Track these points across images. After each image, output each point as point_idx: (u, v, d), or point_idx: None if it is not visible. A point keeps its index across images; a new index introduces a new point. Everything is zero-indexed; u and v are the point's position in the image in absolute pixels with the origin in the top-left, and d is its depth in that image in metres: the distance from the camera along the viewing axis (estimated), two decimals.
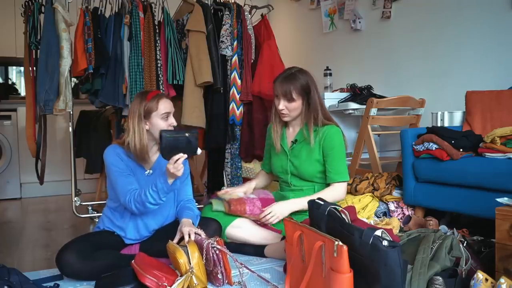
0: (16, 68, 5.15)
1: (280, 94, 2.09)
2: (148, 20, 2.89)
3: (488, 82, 2.78)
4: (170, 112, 1.94)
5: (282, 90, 2.08)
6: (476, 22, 2.91)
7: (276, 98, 2.14)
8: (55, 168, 4.10)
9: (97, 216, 2.92)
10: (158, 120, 1.91)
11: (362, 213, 2.54)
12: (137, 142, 1.89)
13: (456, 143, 2.28)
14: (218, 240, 1.71)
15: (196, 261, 1.61)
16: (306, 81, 2.09)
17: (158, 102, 1.91)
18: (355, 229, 1.38)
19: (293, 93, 2.07)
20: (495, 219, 1.54)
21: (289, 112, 2.12)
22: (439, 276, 1.47)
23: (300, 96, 2.09)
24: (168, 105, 1.94)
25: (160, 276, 1.54)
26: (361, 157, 2.99)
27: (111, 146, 1.96)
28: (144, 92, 2.00)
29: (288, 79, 2.08)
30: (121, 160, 1.92)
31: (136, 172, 1.96)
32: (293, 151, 2.20)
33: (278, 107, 2.13)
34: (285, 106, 2.11)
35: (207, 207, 2.27)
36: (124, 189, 1.87)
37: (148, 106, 1.90)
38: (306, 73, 2.13)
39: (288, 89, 2.06)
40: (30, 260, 2.24)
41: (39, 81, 2.65)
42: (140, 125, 1.90)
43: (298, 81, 2.08)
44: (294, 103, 2.10)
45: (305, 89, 2.09)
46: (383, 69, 3.60)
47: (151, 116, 1.91)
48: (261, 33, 3.28)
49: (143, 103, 1.91)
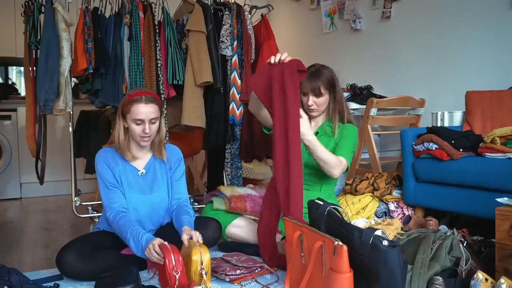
0: (16, 68, 5.15)
1: (309, 90, 2.12)
2: (148, 20, 2.88)
3: (488, 82, 2.78)
4: (143, 120, 1.83)
5: (310, 86, 2.11)
6: (476, 22, 2.91)
7: (304, 95, 2.16)
8: (55, 168, 4.09)
9: (97, 216, 2.92)
10: (131, 123, 1.86)
11: (362, 213, 2.54)
12: (117, 137, 1.90)
13: (456, 143, 2.28)
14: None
15: (207, 262, 1.61)
16: (331, 75, 2.15)
17: (133, 105, 1.83)
18: (355, 229, 1.38)
19: (321, 87, 2.11)
20: (495, 219, 1.54)
21: (318, 107, 2.16)
22: (439, 276, 1.47)
23: (327, 90, 2.14)
24: (145, 112, 1.82)
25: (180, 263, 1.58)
26: (361, 157, 2.99)
27: (101, 150, 1.95)
28: (135, 88, 1.98)
29: (315, 74, 2.12)
30: (108, 168, 1.91)
31: (127, 172, 1.94)
32: None
33: (307, 103, 2.15)
34: (314, 101, 2.14)
35: (207, 206, 2.27)
36: (107, 205, 1.89)
37: (126, 105, 1.87)
38: (329, 68, 2.19)
39: (316, 85, 2.10)
40: (30, 260, 2.24)
41: (39, 81, 2.65)
42: (119, 121, 1.90)
43: (324, 75, 2.12)
44: (322, 98, 2.14)
45: (331, 83, 2.14)
46: (383, 69, 3.60)
47: (127, 117, 1.88)
48: (261, 33, 3.28)
49: (124, 100, 1.90)
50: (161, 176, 2.00)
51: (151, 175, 1.98)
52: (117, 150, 1.94)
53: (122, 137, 1.90)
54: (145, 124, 1.85)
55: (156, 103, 1.89)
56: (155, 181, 1.98)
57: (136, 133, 1.87)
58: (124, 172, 1.94)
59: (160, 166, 2.01)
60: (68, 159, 3.01)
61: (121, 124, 1.90)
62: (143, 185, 1.96)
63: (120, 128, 1.90)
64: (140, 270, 1.78)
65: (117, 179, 1.92)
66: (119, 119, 1.91)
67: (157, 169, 2.00)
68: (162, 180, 2.00)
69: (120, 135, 1.90)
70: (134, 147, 1.96)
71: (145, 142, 1.91)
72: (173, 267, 1.58)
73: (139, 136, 1.88)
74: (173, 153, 2.05)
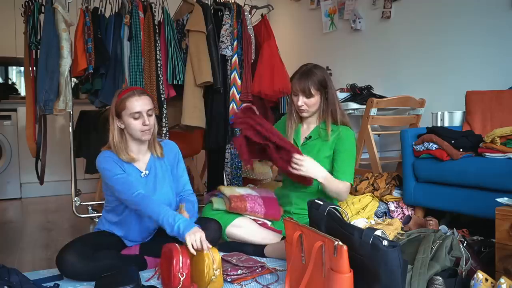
0: (16, 68, 5.15)
1: (299, 90, 2.10)
2: (148, 20, 2.88)
3: (488, 82, 2.78)
4: (141, 112, 1.85)
5: (300, 86, 2.09)
6: (476, 22, 2.91)
7: (294, 95, 2.15)
8: (55, 168, 4.09)
9: (97, 216, 2.92)
10: (129, 119, 1.86)
11: (362, 213, 2.54)
12: (114, 141, 1.88)
13: (456, 143, 2.28)
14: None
15: (217, 265, 1.61)
16: (322, 76, 2.11)
17: (127, 100, 1.84)
18: (355, 229, 1.38)
19: (311, 88, 2.08)
20: (495, 219, 1.54)
21: (308, 108, 2.13)
22: (439, 276, 1.47)
23: (318, 91, 2.11)
24: (140, 103, 1.84)
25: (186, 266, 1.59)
26: (361, 157, 2.99)
27: (101, 153, 1.93)
28: (121, 89, 1.96)
29: (306, 75, 2.09)
30: (114, 163, 1.89)
31: (131, 174, 1.93)
32: (305, 147, 2.18)
33: (297, 104, 2.13)
34: (304, 102, 2.12)
35: (207, 206, 2.27)
36: (123, 192, 1.82)
37: (119, 104, 1.86)
38: (321, 68, 2.16)
39: (306, 85, 2.08)
40: (30, 260, 2.24)
41: (39, 81, 2.64)
42: (113, 124, 1.89)
43: (315, 76, 2.09)
44: (312, 99, 2.11)
45: (322, 83, 2.11)
46: (383, 69, 3.60)
47: (122, 115, 1.87)
48: (261, 33, 3.27)
49: (115, 101, 1.89)
50: (163, 174, 2.00)
51: (153, 174, 1.98)
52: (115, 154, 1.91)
53: (117, 139, 1.89)
54: (143, 117, 1.85)
55: (148, 95, 1.91)
56: (158, 180, 1.98)
57: (137, 128, 1.86)
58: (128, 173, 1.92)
59: (161, 164, 2.01)
60: (68, 159, 3.01)
61: (116, 125, 1.89)
62: (146, 186, 1.95)
63: (115, 130, 1.89)
64: (140, 270, 1.79)
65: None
66: (113, 121, 1.89)
67: (158, 167, 1.99)
68: (163, 178, 1.99)
69: (115, 137, 1.88)
70: (133, 147, 1.94)
71: (146, 135, 1.90)
72: (180, 269, 1.58)
73: (140, 131, 1.87)
74: (170, 148, 2.06)
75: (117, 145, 1.89)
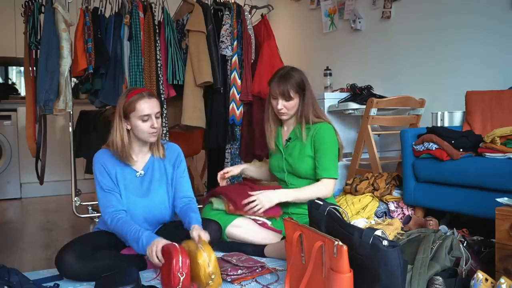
0: (16, 68, 5.15)
1: (278, 94, 2.12)
2: (148, 20, 2.88)
3: (488, 82, 2.77)
4: (150, 114, 1.85)
5: (279, 90, 2.11)
6: (476, 22, 2.91)
7: (273, 98, 2.16)
8: (55, 168, 4.09)
9: (97, 216, 2.92)
10: (137, 121, 1.86)
11: (362, 213, 2.54)
12: (118, 142, 1.88)
13: (456, 143, 2.28)
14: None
15: (213, 264, 1.61)
16: (300, 78, 2.14)
17: (136, 102, 1.84)
18: (355, 229, 1.38)
19: (290, 91, 2.10)
20: (495, 219, 1.54)
21: (287, 110, 2.16)
22: (439, 276, 1.47)
23: (297, 93, 2.13)
24: (150, 106, 1.85)
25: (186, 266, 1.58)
26: (361, 157, 2.99)
27: (99, 152, 1.93)
28: (129, 89, 1.95)
29: (284, 78, 2.11)
30: (105, 171, 1.89)
31: (125, 174, 1.93)
32: (287, 149, 2.23)
33: (276, 107, 2.15)
34: (283, 105, 2.14)
35: (207, 207, 2.27)
36: (104, 209, 1.87)
37: (127, 105, 1.86)
38: (298, 70, 2.17)
39: (285, 88, 2.09)
40: (30, 260, 2.24)
41: (39, 81, 2.64)
42: (120, 124, 1.88)
43: (293, 78, 2.11)
44: (292, 101, 2.13)
45: (300, 86, 2.13)
46: (383, 69, 3.60)
47: (130, 117, 1.86)
48: (261, 33, 3.27)
49: (123, 102, 1.88)
50: (160, 176, 1.99)
51: (149, 176, 1.97)
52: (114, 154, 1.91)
53: (126, 141, 1.88)
54: (152, 119, 1.86)
55: (156, 98, 1.93)
56: (153, 181, 1.97)
57: (144, 130, 1.86)
58: (121, 175, 1.92)
59: (159, 166, 2.00)
60: (68, 159, 3.01)
61: (123, 127, 1.88)
62: (140, 187, 1.95)
63: (123, 131, 1.88)
64: (140, 270, 1.79)
65: (113, 182, 1.91)
66: (120, 122, 1.88)
67: (156, 169, 1.99)
68: (160, 180, 1.99)
69: (124, 139, 1.88)
70: (136, 148, 1.95)
71: (153, 137, 1.90)
72: (179, 268, 1.58)
73: (147, 133, 1.87)
74: (172, 149, 2.06)
75: (124, 147, 1.89)
